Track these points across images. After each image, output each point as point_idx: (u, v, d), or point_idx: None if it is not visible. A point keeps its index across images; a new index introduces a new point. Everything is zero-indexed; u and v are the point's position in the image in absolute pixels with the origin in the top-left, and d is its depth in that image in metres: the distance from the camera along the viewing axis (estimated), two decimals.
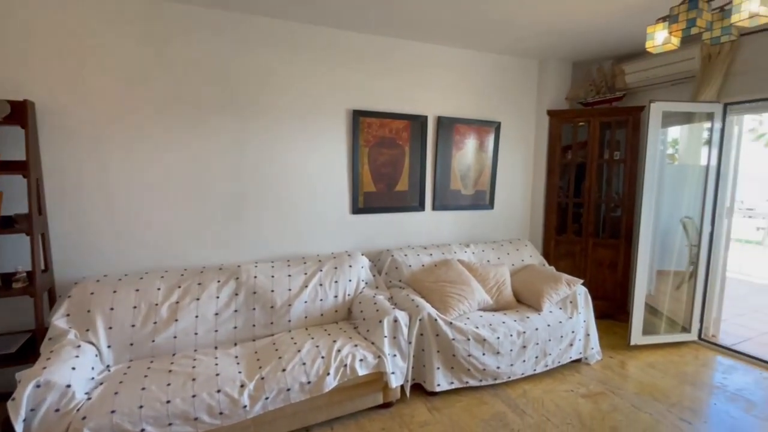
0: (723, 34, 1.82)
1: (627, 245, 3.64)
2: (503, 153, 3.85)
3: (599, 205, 3.84)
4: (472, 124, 3.62)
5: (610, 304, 3.75)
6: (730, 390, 2.65)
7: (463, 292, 2.76)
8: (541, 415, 2.33)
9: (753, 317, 4.05)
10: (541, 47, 3.50)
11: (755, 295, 4.89)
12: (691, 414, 2.37)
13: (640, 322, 3.19)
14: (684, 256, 3.47)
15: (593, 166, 3.69)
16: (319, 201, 3.08)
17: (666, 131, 3.49)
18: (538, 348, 2.71)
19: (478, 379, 2.55)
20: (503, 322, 2.68)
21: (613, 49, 3.54)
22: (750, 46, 2.94)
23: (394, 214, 3.39)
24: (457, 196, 3.66)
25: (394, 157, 3.29)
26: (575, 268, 3.79)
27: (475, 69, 3.61)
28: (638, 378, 2.78)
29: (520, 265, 3.41)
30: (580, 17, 2.77)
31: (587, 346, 2.95)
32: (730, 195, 3.26)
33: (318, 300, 2.67)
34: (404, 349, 2.38)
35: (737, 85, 3.02)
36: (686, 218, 3.45)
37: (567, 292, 2.94)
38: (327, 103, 3.02)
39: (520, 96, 3.88)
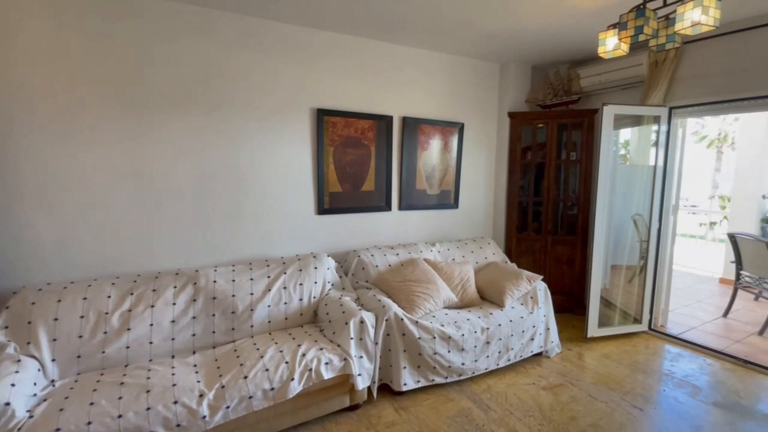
0: (668, 42, 1.93)
1: (583, 242, 3.81)
2: (467, 153, 3.92)
3: (557, 203, 3.99)
4: (437, 125, 3.66)
5: (569, 299, 3.91)
6: (677, 377, 2.82)
7: (429, 291, 2.78)
8: (505, 409, 2.39)
9: (697, 307, 4.35)
10: (502, 51, 3.59)
11: (699, 285, 5.25)
12: (642, 401, 2.51)
13: (596, 315, 3.35)
14: (635, 251, 3.68)
15: (551, 166, 3.83)
16: (282, 202, 3.01)
17: (618, 133, 3.68)
18: (501, 343, 2.78)
19: (444, 377, 2.58)
20: (468, 319, 2.72)
21: (569, 54, 3.69)
22: (692, 54, 3.14)
23: (361, 214, 3.37)
24: (423, 196, 3.69)
25: (359, 157, 3.27)
26: (536, 265, 3.93)
27: (439, 70, 3.65)
28: (595, 369, 2.91)
29: (483, 262, 3.49)
30: (537, 23, 2.87)
31: (547, 339, 3.05)
32: (675, 193, 3.48)
33: (282, 303, 2.61)
34: (371, 350, 2.37)
35: (681, 90, 3.23)
36: (637, 215, 3.66)
37: (528, 288, 3.04)
38: (290, 102, 2.96)
39: (482, 98, 3.96)
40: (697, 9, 1.68)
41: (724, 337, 3.52)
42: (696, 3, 1.69)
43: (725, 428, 2.25)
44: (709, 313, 4.13)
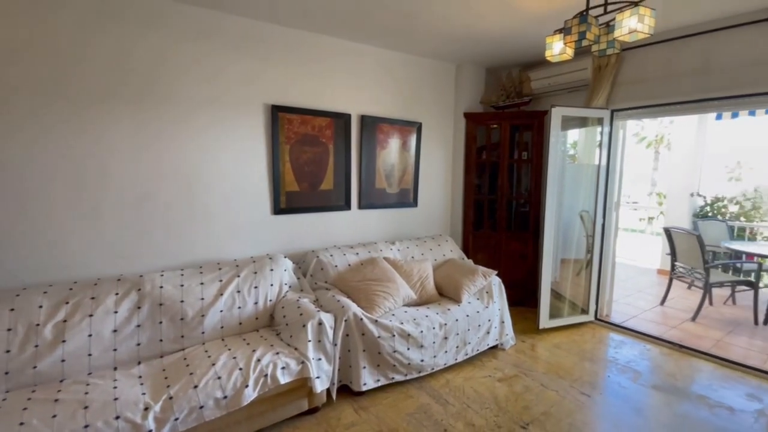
0: (608, 47, 2.04)
1: (535, 237, 3.97)
2: (425, 153, 3.97)
3: (511, 201, 4.13)
4: (395, 124, 3.67)
5: (522, 292, 4.07)
6: (620, 363, 3.01)
7: (389, 290, 2.78)
8: (462, 403, 2.44)
9: (638, 297, 4.67)
10: (458, 52, 3.66)
11: (639, 277, 5.64)
12: (590, 387, 2.65)
13: (547, 307, 3.51)
14: (582, 245, 3.89)
15: (505, 165, 3.96)
16: (236, 202, 2.89)
17: (566, 134, 3.87)
18: (458, 338, 2.83)
19: (403, 374, 2.59)
20: (426, 315, 2.75)
21: (520, 57, 3.83)
22: (631, 61, 3.36)
23: (320, 213, 3.31)
24: (383, 195, 3.70)
25: (317, 155, 3.21)
26: (491, 260, 4.05)
27: (397, 70, 3.66)
28: (546, 359, 3.04)
29: (441, 259, 3.54)
30: (490, 26, 2.95)
31: (502, 332, 3.15)
32: (617, 190, 3.71)
33: (236, 308, 2.51)
34: (329, 352, 2.33)
35: (622, 94, 3.44)
36: (584, 212, 3.87)
37: (483, 283, 3.12)
38: (243, 98, 2.85)
39: (439, 98, 4.02)
40: (634, 17, 1.79)
41: (661, 324, 3.80)
42: (633, 12, 1.80)
43: (663, 409, 2.43)
44: (649, 302, 4.45)
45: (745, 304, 4.31)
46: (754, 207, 6.45)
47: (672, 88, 3.12)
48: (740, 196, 6.65)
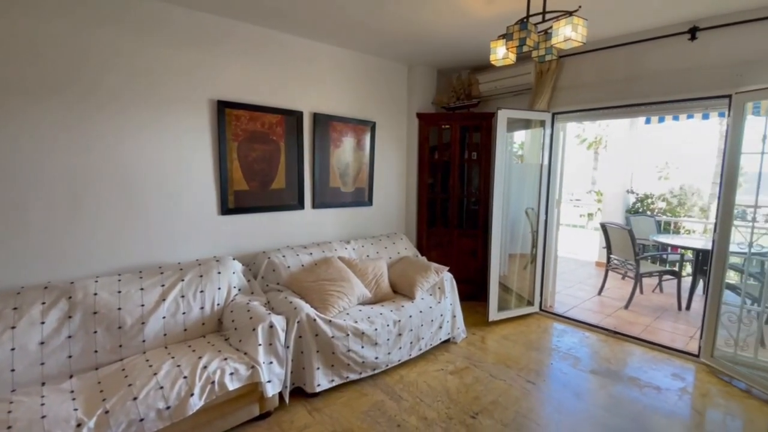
0: (547, 54, 2.16)
1: (484, 235, 4.13)
2: (380, 152, 3.99)
3: (462, 200, 4.27)
4: (349, 123, 3.66)
5: (473, 287, 4.21)
6: (562, 350, 3.21)
7: (343, 289, 2.78)
8: (416, 397, 2.49)
9: (578, 288, 4.99)
10: (410, 53, 3.72)
11: (580, 269, 6.04)
12: (535, 375, 2.80)
13: (496, 300, 3.66)
14: (528, 240, 4.10)
15: (456, 165, 4.08)
16: (178, 202, 2.75)
17: (513, 135, 4.05)
18: (412, 334, 2.88)
19: (358, 373, 2.60)
20: (381, 313, 2.78)
21: (469, 61, 3.95)
22: (569, 67, 3.58)
23: (271, 213, 3.23)
24: (338, 194, 3.67)
25: (268, 153, 3.13)
26: (444, 257, 4.16)
27: (350, 68, 3.65)
28: (495, 350, 3.17)
29: (396, 257, 3.59)
30: (439, 29, 3.02)
31: (454, 326, 3.25)
32: (559, 188, 3.94)
33: (180, 314, 2.39)
34: (281, 355, 2.28)
35: (561, 98, 3.66)
36: (529, 209, 4.07)
37: (436, 280, 3.20)
38: (186, 92, 2.71)
39: (393, 98, 4.06)
40: (568, 26, 1.91)
41: (598, 313, 4.10)
42: (567, 21, 1.92)
43: (599, 392, 2.62)
44: (588, 293, 4.78)
45: (670, 291, 4.74)
46: (679, 203, 7.13)
47: (606, 93, 3.37)
48: (668, 193, 7.31)
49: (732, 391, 2.63)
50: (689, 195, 7.25)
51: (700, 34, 2.86)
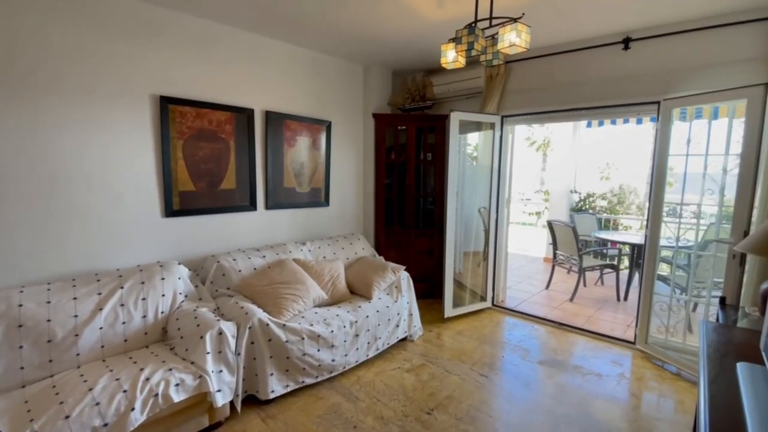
0: (494, 58, 2.24)
1: (440, 234, 4.21)
2: (336, 152, 3.96)
3: (418, 200, 4.33)
4: (304, 122, 3.59)
5: (430, 285, 4.29)
6: (513, 343, 3.34)
7: (298, 292, 2.72)
8: (373, 397, 2.49)
9: (528, 283, 5.23)
10: (365, 53, 3.71)
11: (530, 265, 6.33)
12: (488, 368, 2.90)
13: (451, 297, 3.74)
14: (481, 239, 4.24)
15: (412, 165, 4.13)
16: (118, 204, 2.56)
17: (467, 137, 4.17)
18: (369, 334, 2.88)
19: (314, 376, 2.55)
20: (337, 315, 2.75)
21: (423, 63, 4.02)
22: (517, 72, 3.73)
23: (221, 215, 3.10)
24: (293, 194, 3.59)
25: (216, 152, 3.00)
26: (401, 256, 4.19)
27: (304, 66, 3.58)
28: (450, 345, 3.25)
29: (354, 258, 3.57)
30: (392, 30, 3.04)
31: (411, 324, 3.29)
32: (508, 188, 4.10)
33: (119, 324, 2.23)
34: (232, 363, 2.20)
35: (510, 102, 3.81)
36: (482, 208, 4.21)
37: (393, 279, 3.22)
38: (125, 87, 2.53)
39: (348, 98, 4.04)
40: (513, 32, 1.99)
41: (546, 306, 4.31)
42: (512, 27, 2.00)
43: (546, 381, 2.75)
44: (536, 287, 5.01)
45: (610, 284, 5.08)
46: (619, 201, 7.65)
47: (550, 97, 3.55)
48: (609, 192, 7.83)
49: (664, 374, 2.86)
50: (627, 194, 7.80)
51: (633, 45, 3.08)
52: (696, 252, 3.06)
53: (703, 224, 3.12)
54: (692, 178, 3.01)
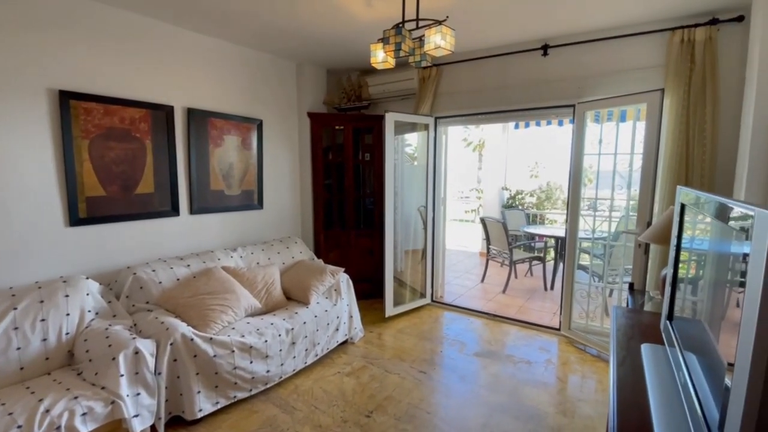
0: (422, 60, 2.27)
1: (380, 234, 4.21)
2: (269, 152, 3.80)
3: (358, 200, 4.30)
4: (231, 120, 3.40)
5: (372, 285, 4.28)
6: (451, 337, 3.43)
7: (227, 302, 2.56)
8: (311, 406, 2.42)
9: (465, 277, 5.43)
10: (296, 50, 3.60)
11: (467, 260, 6.58)
12: (426, 365, 2.94)
13: (391, 296, 3.76)
14: (421, 237, 4.31)
15: (350, 166, 4.09)
16: (7, 213, 2.23)
17: (404, 137, 4.21)
18: (307, 341, 2.80)
19: (247, 390, 2.42)
20: (272, 323, 2.63)
21: (358, 62, 3.99)
22: (448, 75, 3.84)
23: (138, 221, 2.83)
24: (221, 197, 3.38)
25: (130, 152, 2.73)
26: (343, 258, 4.14)
27: (232, 62, 3.39)
28: (391, 345, 3.26)
29: (290, 262, 3.45)
30: (323, 28, 2.97)
31: (351, 326, 3.25)
32: (443, 187, 4.21)
33: (13, 350, 1.94)
34: (151, 384, 2.01)
35: (442, 104, 3.90)
36: (421, 207, 4.28)
37: (332, 282, 3.16)
38: (16, 80, 2.21)
39: (281, 96, 3.89)
40: (438, 35, 2.02)
41: (481, 299, 4.50)
42: (437, 30, 2.03)
43: (481, 373, 2.86)
44: (473, 281, 5.22)
45: (539, 275, 5.43)
46: (546, 198, 8.21)
47: (480, 100, 3.69)
48: (538, 189, 8.37)
49: (586, 357, 3.10)
50: (554, 190, 8.40)
51: (551, 51, 3.30)
52: (609, 242, 3.36)
53: (615, 217, 3.43)
54: (605, 175, 3.29)
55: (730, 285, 0.84)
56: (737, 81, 2.61)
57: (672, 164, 2.77)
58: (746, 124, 2.35)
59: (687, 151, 2.73)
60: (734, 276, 0.81)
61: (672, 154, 2.77)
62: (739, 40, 2.61)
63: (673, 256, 1.47)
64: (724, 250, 0.91)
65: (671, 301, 1.49)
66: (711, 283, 1.01)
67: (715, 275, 0.98)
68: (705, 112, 2.66)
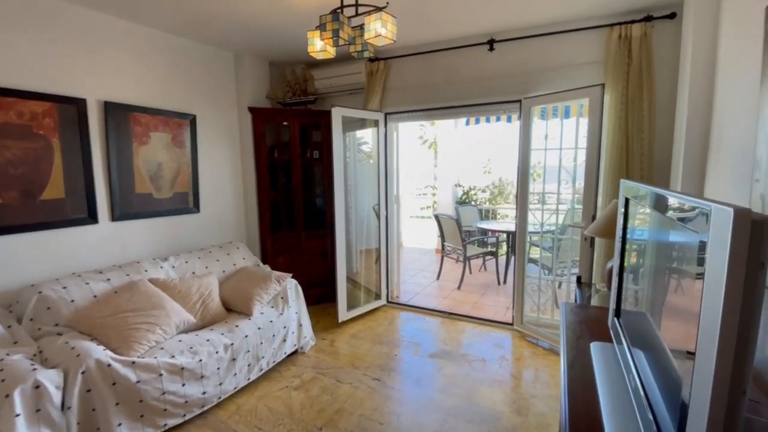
0: (363, 49, 2.12)
1: (332, 234, 4.03)
2: (205, 150, 3.49)
3: (308, 200, 4.09)
4: (159, 115, 3.07)
5: (325, 289, 4.09)
6: (406, 339, 3.34)
7: (154, 319, 2.28)
8: (254, 427, 2.21)
9: (421, 275, 5.37)
10: (233, 39, 3.33)
11: (423, 257, 6.54)
12: (381, 371, 2.82)
13: (344, 300, 3.60)
14: (376, 235, 4.17)
15: (298, 164, 3.87)
16: None
17: (354, 135, 4.04)
18: (249, 356, 2.57)
19: (180, 416, 2.17)
20: (208, 340, 2.38)
21: (302, 54, 3.77)
22: (396, 69, 3.72)
23: (46, 232, 2.46)
24: (149, 201, 3.05)
25: (32, 152, 2.36)
26: (292, 262, 3.92)
27: (160, 52, 3.07)
28: (344, 352, 3.10)
29: (232, 270, 3.18)
30: (259, 14, 2.74)
31: (301, 336, 3.06)
32: (396, 185, 4.11)
33: None
34: (58, 421, 1.72)
35: (392, 99, 3.79)
36: (376, 206, 4.14)
37: (278, 289, 2.94)
38: None
39: (217, 89, 3.60)
40: (378, 22, 1.89)
41: (437, 296, 4.45)
42: (377, 17, 1.90)
43: (436, 375, 2.77)
44: (428, 279, 5.18)
45: (493, 269, 5.48)
46: (499, 193, 8.39)
47: (429, 95, 3.61)
48: (491, 185, 8.54)
49: (538, 351, 3.11)
50: (506, 185, 8.61)
51: (497, 46, 3.28)
52: (557, 236, 3.41)
53: (562, 209, 3.49)
54: (552, 170, 3.33)
55: (673, 275, 0.84)
56: (671, 77, 2.71)
57: (613, 158, 2.83)
58: (680, 118, 2.42)
59: (627, 144, 2.80)
60: (678, 266, 0.80)
61: (613, 148, 2.82)
62: (672, 36, 2.71)
63: (618, 251, 1.43)
64: (667, 241, 0.89)
65: (618, 297, 1.47)
66: (653, 274, 0.99)
67: (657, 266, 0.96)
68: (642, 107, 2.73)
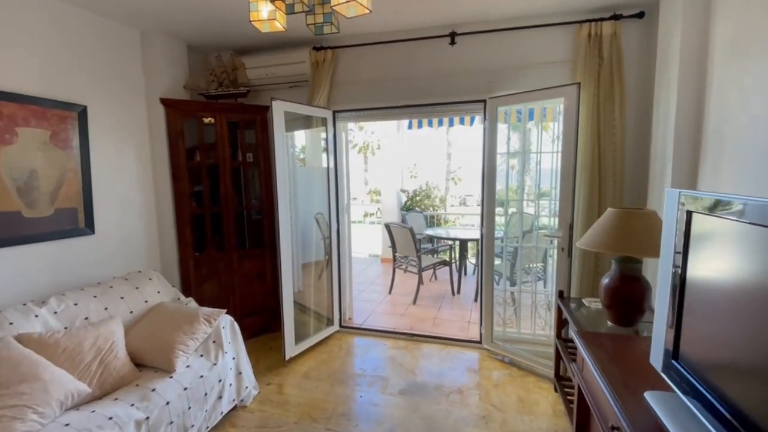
0: (325, 22, 1.64)
1: (272, 251, 3.42)
2: (102, 151, 2.69)
3: (241, 212, 3.43)
4: (30, 104, 2.25)
5: (264, 318, 3.46)
6: (369, 374, 2.86)
7: (23, 399, 1.54)
8: None
9: (371, 290, 4.94)
10: (138, 12, 2.60)
11: (369, 267, 6.11)
12: (345, 421, 2.32)
13: (292, 333, 3.02)
14: (320, 247, 3.65)
15: (227, 169, 3.19)
16: None
17: (293, 136, 3.47)
18: (174, 427, 1.91)
19: None
20: (110, 417, 1.69)
21: (232, 38, 3.13)
22: (346, 59, 3.24)
23: None
24: (16, 222, 2.21)
25: None
26: (222, 289, 3.23)
27: (38, 20, 2.25)
28: (296, 399, 2.54)
29: (142, 309, 2.43)
30: None
31: (241, 387, 2.43)
32: (347, 192, 3.63)
33: None
34: None
35: (341, 95, 3.30)
36: (318, 214, 3.62)
37: (208, 332, 2.29)
38: None
39: (116, 74, 2.80)
40: None
41: (393, 314, 4.05)
42: None
43: (412, 417, 2.35)
44: (380, 293, 4.76)
45: (444, 278, 5.22)
46: (426, 197, 8.27)
47: (383, 92, 3.19)
48: (418, 189, 8.41)
49: (514, 372, 2.84)
50: (432, 189, 8.59)
51: (459, 40, 2.98)
52: (521, 244, 3.21)
53: (526, 215, 3.32)
54: (516, 175, 3.12)
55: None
56: (641, 77, 2.62)
57: (585, 161, 2.68)
58: (663, 116, 2.28)
59: (599, 147, 2.66)
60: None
61: (585, 151, 2.67)
62: (639, 36, 2.62)
63: (678, 279, 1.16)
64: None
65: (676, 336, 1.18)
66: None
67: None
68: (614, 108, 2.61)
